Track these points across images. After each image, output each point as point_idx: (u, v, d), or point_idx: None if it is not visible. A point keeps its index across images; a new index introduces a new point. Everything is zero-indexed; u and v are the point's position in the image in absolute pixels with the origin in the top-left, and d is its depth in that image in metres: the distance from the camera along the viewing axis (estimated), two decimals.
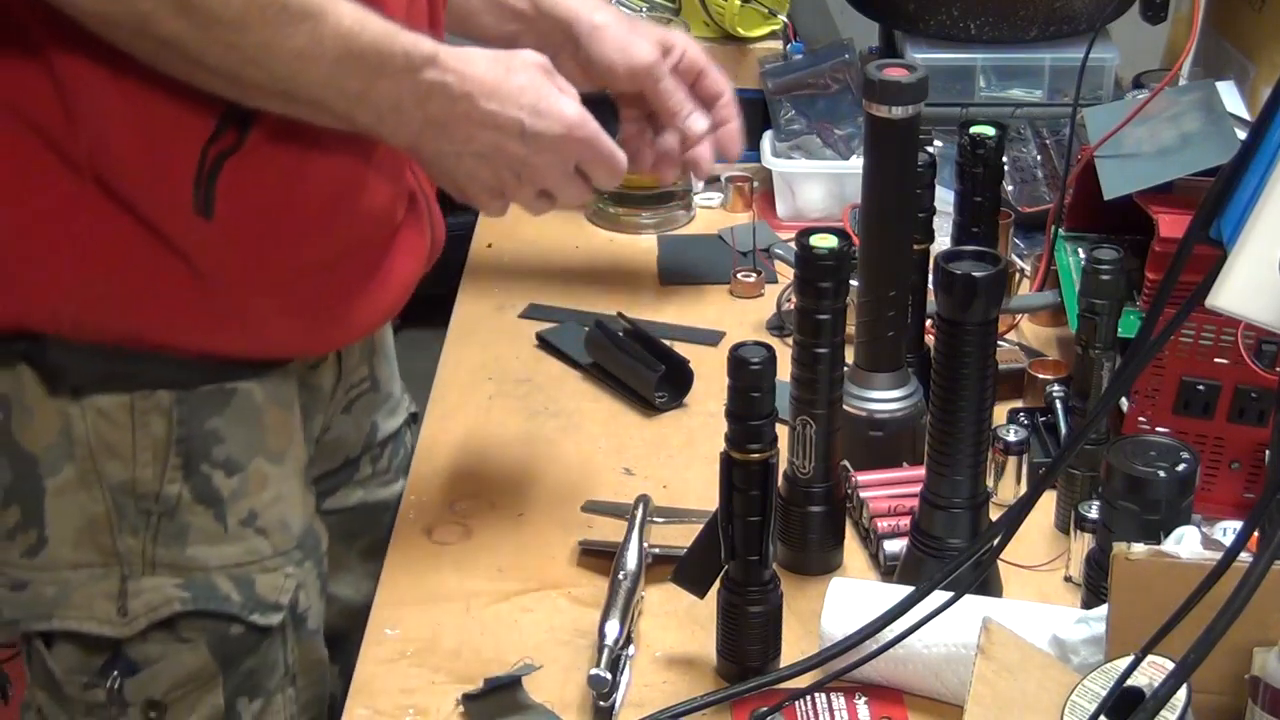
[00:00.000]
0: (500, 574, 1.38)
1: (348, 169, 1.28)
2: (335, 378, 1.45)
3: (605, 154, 1.30)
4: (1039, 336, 1.69)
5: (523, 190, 1.30)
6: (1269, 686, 1.03)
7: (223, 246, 1.24)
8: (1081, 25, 1.98)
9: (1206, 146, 1.48)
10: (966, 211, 1.55)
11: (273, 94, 1.19)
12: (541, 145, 1.26)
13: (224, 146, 1.21)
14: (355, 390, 1.49)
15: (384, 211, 1.33)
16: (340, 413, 1.48)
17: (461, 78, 1.23)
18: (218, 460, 1.31)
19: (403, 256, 1.36)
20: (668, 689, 1.25)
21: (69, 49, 1.17)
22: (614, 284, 1.84)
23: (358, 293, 1.33)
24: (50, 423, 1.27)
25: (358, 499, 1.53)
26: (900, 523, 1.36)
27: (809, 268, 1.30)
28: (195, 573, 1.31)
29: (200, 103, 1.19)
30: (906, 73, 1.40)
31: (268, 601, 1.34)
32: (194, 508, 1.30)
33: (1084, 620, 1.17)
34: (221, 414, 1.30)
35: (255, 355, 1.31)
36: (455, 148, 1.26)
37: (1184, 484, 1.21)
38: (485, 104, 1.24)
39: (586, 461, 1.53)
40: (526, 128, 1.25)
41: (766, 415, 1.19)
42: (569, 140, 1.27)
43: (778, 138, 1.97)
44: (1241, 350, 1.36)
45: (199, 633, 1.32)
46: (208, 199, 1.21)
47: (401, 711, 1.23)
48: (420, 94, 1.22)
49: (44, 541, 1.30)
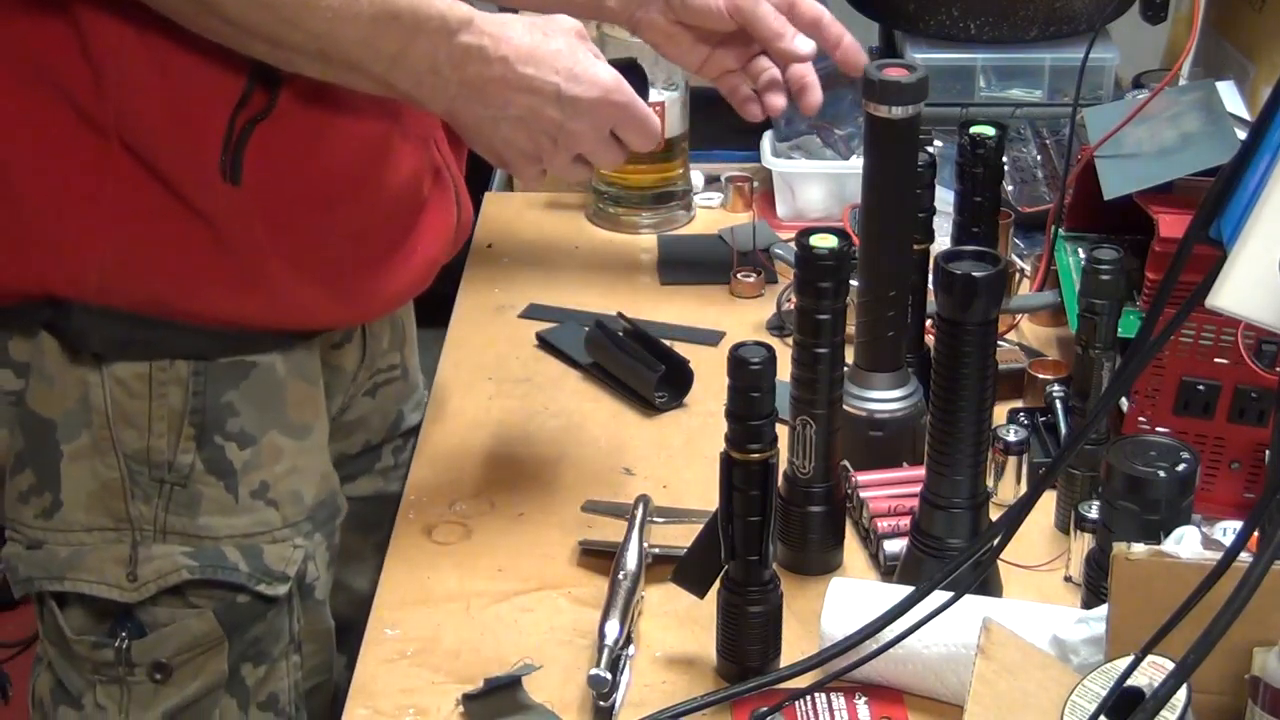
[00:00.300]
0: (500, 574, 1.38)
1: (375, 139, 1.30)
2: (360, 359, 1.46)
3: (640, 117, 1.30)
4: (1039, 336, 1.69)
5: (558, 155, 1.30)
6: (1269, 686, 1.03)
7: (248, 213, 1.25)
8: (1081, 25, 1.98)
9: (1206, 146, 1.48)
10: (966, 211, 1.55)
11: (311, 55, 1.20)
12: (578, 110, 1.27)
13: (253, 112, 1.22)
14: (383, 375, 1.51)
15: (410, 184, 1.34)
16: (363, 395, 1.50)
17: (498, 41, 1.24)
18: (231, 433, 1.32)
19: (428, 234, 1.37)
20: (668, 689, 1.25)
21: (97, 11, 1.18)
22: (614, 284, 1.84)
23: (381, 267, 1.34)
24: (70, 390, 1.30)
25: (376, 489, 1.55)
26: (900, 523, 1.36)
27: (809, 268, 1.30)
28: (205, 541, 1.33)
29: (229, 66, 1.21)
30: (906, 73, 1.40)
31: (275, 572, 1.36)
32: (206, 478, 1.32)
33: (1084, 620, 1.17)
34: (238, 387, 1.32)
35: (277, 325, 1.32)
36: (492, 112, 1.26)
37: (1184, 484, 1.21)
38: (521, 68, 1.25)
39: (586, 461, 1.53)
40: (563, 92, 1.26)
41: (766, 415, 1.19)
42: (605, 104, 1.27)
43: (778, 138, 1.97)
44: (1241, 350, 1.36)
45: (207, 600, 1.35)
46: (235, 165, 1.22)
47: (401, 711, 1.23)
48: (457, 57, 1.23)
49: (58, 505, 1.32)
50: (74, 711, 1.38)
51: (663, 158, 1.92)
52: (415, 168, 1.34)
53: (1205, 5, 1.98)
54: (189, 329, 1.29)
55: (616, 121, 1.29)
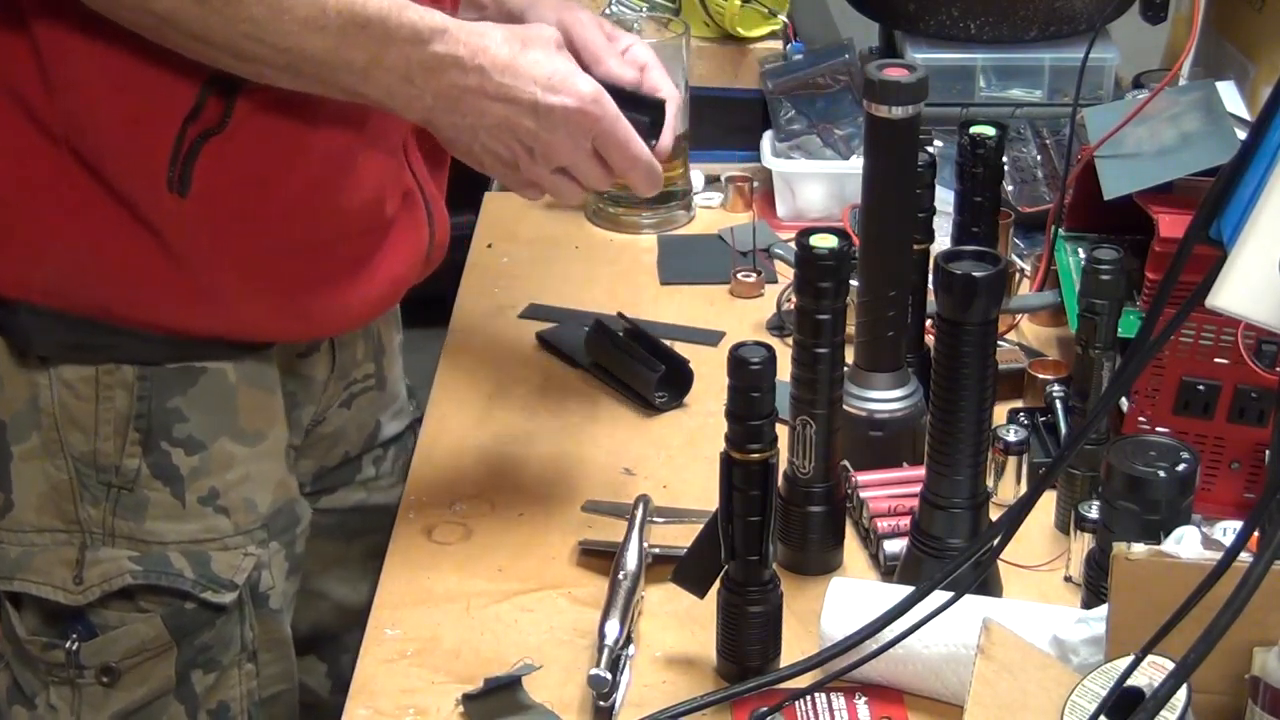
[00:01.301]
0: (500, 574, 1.38)
1: (334, 158, 1.28)
2: (330, 369, 1.45)
3: (620, 135, 1.27)
4: (1039, 336, 1.69)
5: (536, 166, 1.28)
6: (1269, 686, 1.03)
7: (197, 225, 1.24)
8: (1081, 25, 1.98)
9: (1206, 146, 1.48)
10: (966, 211, 1.55)
11: (278, 68, 1.19)
12: (554, 120, 1.25)
13: (206, 125, 1.21)
14: (358, 385, 1.50)
15: (371, 205, 1.32)
16: (338, 406, 1.49)
17: (474, 51, 1.22)
18: (178, 438, 1.32)
19: (394, 254, 1.36)
20: (668, 689, 1.25)
21: (51, 16, 1.18)
22: (614, 284, 1.84)
23: (340, 285, 1.33)
24: (19, 391, 1.30)
25: (358, 500, 1.54)
26: (900, 523, 1.36)
27: (809, 268, 1.30)
28: (152, 546, 1.33)
29: (181, 77, 1.19)
30: (906, 73, 1.39)
31: (222, 579, 1.35)
32: (152, 483, 1.32)
33: (1084, 620, 1.17)
34: (186, 393, 1.31)
35: (228, 336, 1.31)
36: (469, 121, 1.25)
37: (1184, 484, 1.21)
38: (498, 78, 1.23)
39: (586, 461, 1.53)
40: (540, 102, 1.24)
41: (766, 415, 1.19)
42: (580, 115, 1.25)
43: (778, 138, 1.97)
44: (1241, 350, 1.36)
45: (155, 605, 1.35)
46: (184, 178, 1.21)
47: (401, 711, 1.23)
48: (430, 66, 1.21)
49: (10, 505, 1.33)
50: (27, 711, 1.38)
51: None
52: (378, 188, 1.32)
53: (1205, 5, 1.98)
54: (136, 334, 1.28)
55: (594, 135, 1.27)
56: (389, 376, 1.54)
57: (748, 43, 2.02)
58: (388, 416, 1.55)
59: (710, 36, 2.02)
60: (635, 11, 2.00)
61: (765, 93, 1.99)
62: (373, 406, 1.53)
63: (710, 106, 1.99)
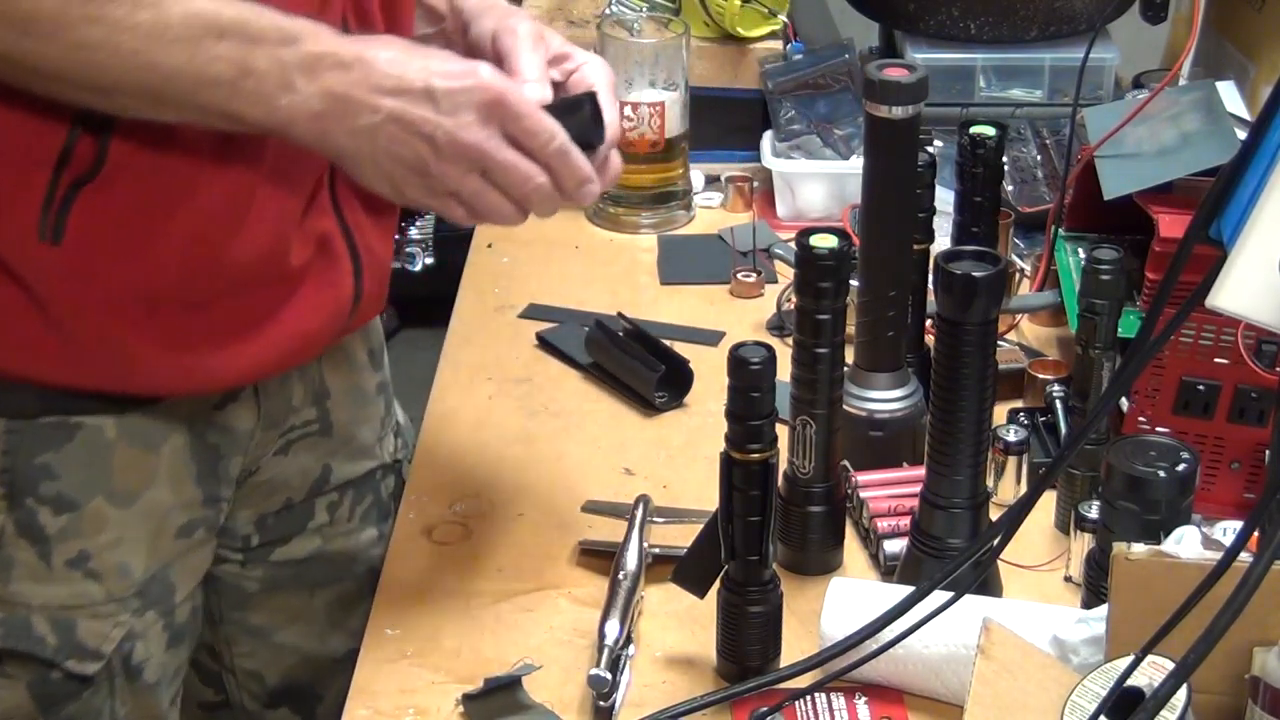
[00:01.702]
0: (500, 574, 1.38)
1: (222, 203, 1.18)
2: (255, 419, 1.34)
3: (533, 118, 1.15)
4: (1039, 336, 1.69)
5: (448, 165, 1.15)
6: (1269, 686, 1.03)
7: (70, 275, 1.16)
8: (1081, 25, 1.98)
9: (1206, 146, 1.48)
10: (966, 211, 1.55)
11: (136, 95, 1.10)
12: (455, 102, 1.13)
13: (79, 170, 1.13)
14: (296, 432, 1.39)
15: (267, 257, 1.22)
16: (274, 455, 1.38)
17: (353, 45, 1.13)
18: (46, 496, 1.23)
19: (302, 309, 1.26)
20: (668, 689, 1.25)
21: None
22: (614, 284, 1.84)
23: (233, 341, 1.23)
24: None
25: (314, 548, 1.45)
26: (900, 523, 1.36)
27: (809, 268, 1.30)
28: (17, 609, 1.25)
29: (46, 118, 1.11)
30: (906, 73, 1.40)
31: (87, 648, 1.27)
32: (18, 542, 1.24)
33: (1084, 620, 1.17)
34: (59, 449, 1.23)
35: (107, 390, 1.22)
36: (363, 123, 1.13)
37: (1184, 484, 1.21)
38: (385, 66, 1.13)
39: (586, 461, 1.53)
40: (434, 85, 1.13)
41: (766, 415, 1.19)
42: (483, 90, 1.14)
43: (778, 138, 1.97)
44: (1241, 350, 1.36)
45: (21, 671, 1.26)
46: (57, 226, 1.13)
47: (401, 711, 1.23)
48: (308, 65, 1.11)
49: None
50: None
51: (663, 158, 1.92)
52: (279, 236, 1.22)
53: (1205, 5, 1.98)
54: (5, 386, 1.20)
55: (503, 118, 1.15)
56: (337, 420, 1.42)
57: (748, 43, 2.02)
58: (340, 460, 1.44)
59: (710, 36, 2.02)
60: (635, 11, 2.00)
61: (765, 93, 1.99)
62: (317, 452, 1.42)
63: (710, 106, 1.99)
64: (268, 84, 1.10)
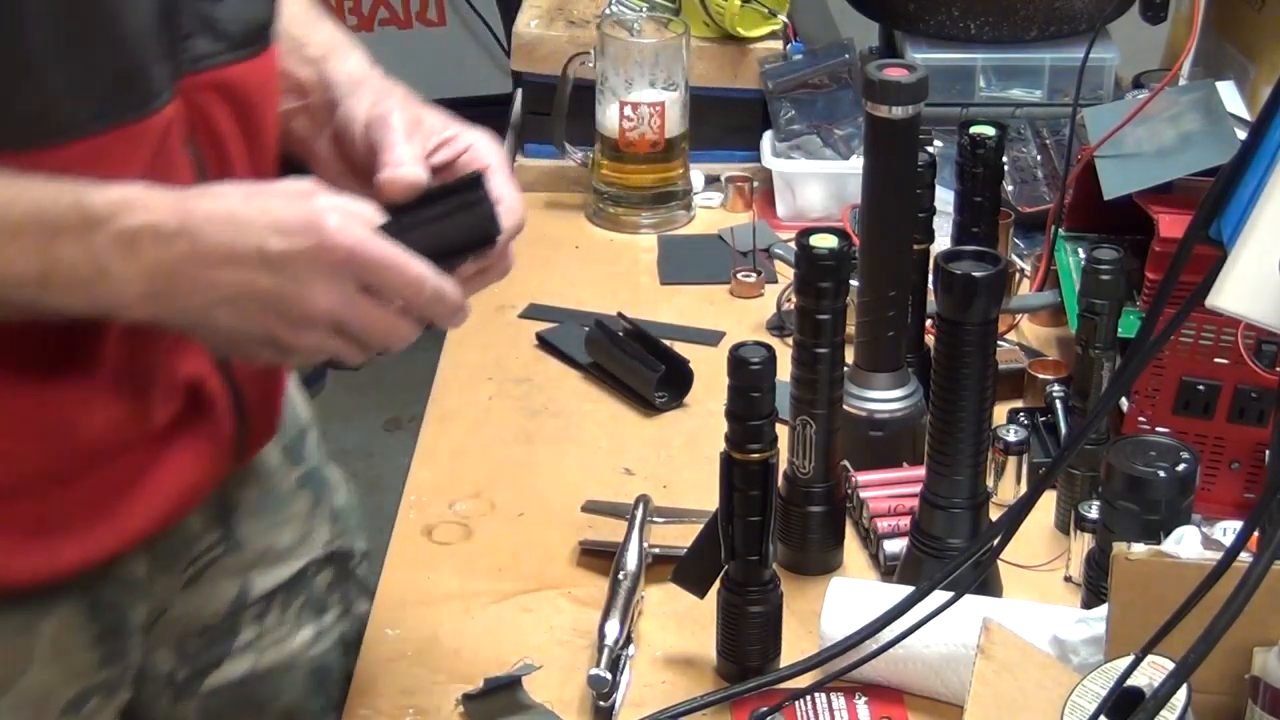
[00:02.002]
0: (500, 574, 1.38)
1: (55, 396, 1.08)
2: (148, 565, 1.23)
3: (390, 268, 1.02)
4: (1039, 336, 1.69)
5: (301, 333, 1.03)
6: (1269, 686, 1.03)
7: None
8: (1081, 25, 1.98)
9: (1206, 146, 1.48)
10: (966, 211, 1.55)
11: None
12: (297, 269, 1.01)
13: None
14: (202, 560, 1.29)
15: (113, 434, 1.12)
16: (182, 589, 1.28)
17: (175, 214, 1.00)
18: None
19: (177, 466, 1.16)
20: (668, 689, 1.25)
21: None
22: (614, 284, 1.84)
23: (97, 513, 1.13)
24: None
25: (248, 667, 1.34)
26: (900, 523, 1.36)
27: (809, 268, 1.30)
28: None
29: None
30: (906, 73, 1.40)
31: None
32: None
33: (1084, 620, 1.17)
34: None
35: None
36: (197, 301, 1.01)
37: (1184, 484, 1.21)
38: (213, 237, 1.00)
39: (586, 461, 1.53)
40: (268, 250, 1.00)
41: (766, 415, 1.19)
42: (327, 252, 1.01)
43: (778, 138, 1.97)
44: (1241, 350, 1.36)
45: None
46: None
47: (401, 711, 1.23)
48: (123, 244, 0.99)
49: None
50: None
51: (663, 158, 1.92)
52: (120, 418, 1.11)
53: (1205, 5, 1.98)
54: None
55: (355, 271, 1.02)
56: (243, 535, 1.31)
57: (748, 43, 2.02)
58: (258, 573, 1.33)
59: (710, 36, 2.02)
60: (635, 11, 2.00)
61: (765, 93, 1.99)
62: (230, 571, 1.31)
63: (710, 106, 1.99)
64: (79, 274, 1.00)
